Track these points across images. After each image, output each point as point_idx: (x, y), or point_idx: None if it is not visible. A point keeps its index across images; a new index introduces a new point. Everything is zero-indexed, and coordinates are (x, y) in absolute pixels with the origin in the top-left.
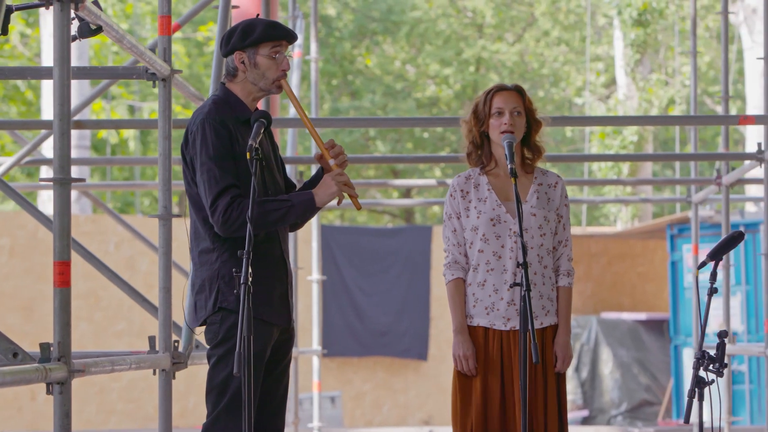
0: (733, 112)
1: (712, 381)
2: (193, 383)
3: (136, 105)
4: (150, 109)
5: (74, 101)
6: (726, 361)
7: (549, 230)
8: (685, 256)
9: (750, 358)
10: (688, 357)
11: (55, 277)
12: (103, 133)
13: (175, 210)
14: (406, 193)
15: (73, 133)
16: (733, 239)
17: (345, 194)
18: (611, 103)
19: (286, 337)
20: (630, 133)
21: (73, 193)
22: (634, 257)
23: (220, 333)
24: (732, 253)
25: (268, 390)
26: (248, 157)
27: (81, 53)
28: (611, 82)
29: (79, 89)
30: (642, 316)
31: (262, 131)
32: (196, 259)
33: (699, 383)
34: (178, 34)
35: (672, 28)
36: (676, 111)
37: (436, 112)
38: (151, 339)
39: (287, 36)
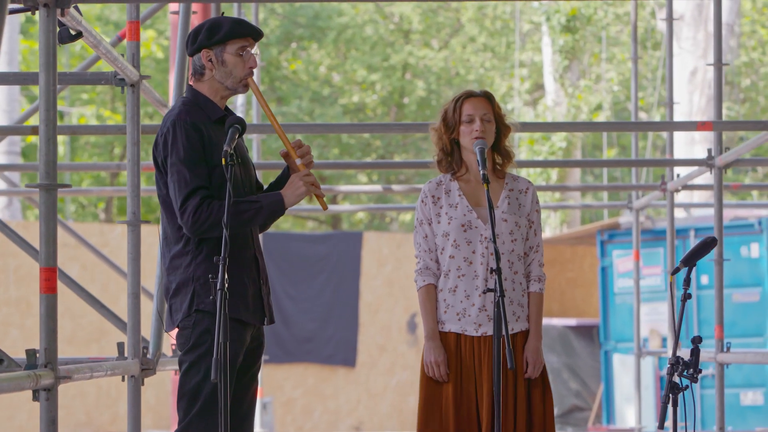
0: (657, 118)
1: (687, 387)
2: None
3: (65, 110)
4: (78, 114)
5: (2, 106)
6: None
7: (520, 236)
8: (615, 261)
9: None
10: (618, 362)
11: (41, 283)
12: (31, 139)
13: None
14: (333, 198)
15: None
16: (706, 245)
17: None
18: (539, 109)
19: (257, 344)
20: (559, 139)
21: (3, 199)
22: (564, 263)
23: (192, 338)
24: (663, 259)
25: (236, 396)
26: (223, 163)
27: (11, 59)
28: (535, 88)
29: (8, 95)
30: (572, 321)
31: (237, 137)
32: (167, 263)
33: (673, 389)
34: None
35: (598, 34)
36: (601, 117)
37: (363, 118)
38: (120, 345)
39: (254, 33)
